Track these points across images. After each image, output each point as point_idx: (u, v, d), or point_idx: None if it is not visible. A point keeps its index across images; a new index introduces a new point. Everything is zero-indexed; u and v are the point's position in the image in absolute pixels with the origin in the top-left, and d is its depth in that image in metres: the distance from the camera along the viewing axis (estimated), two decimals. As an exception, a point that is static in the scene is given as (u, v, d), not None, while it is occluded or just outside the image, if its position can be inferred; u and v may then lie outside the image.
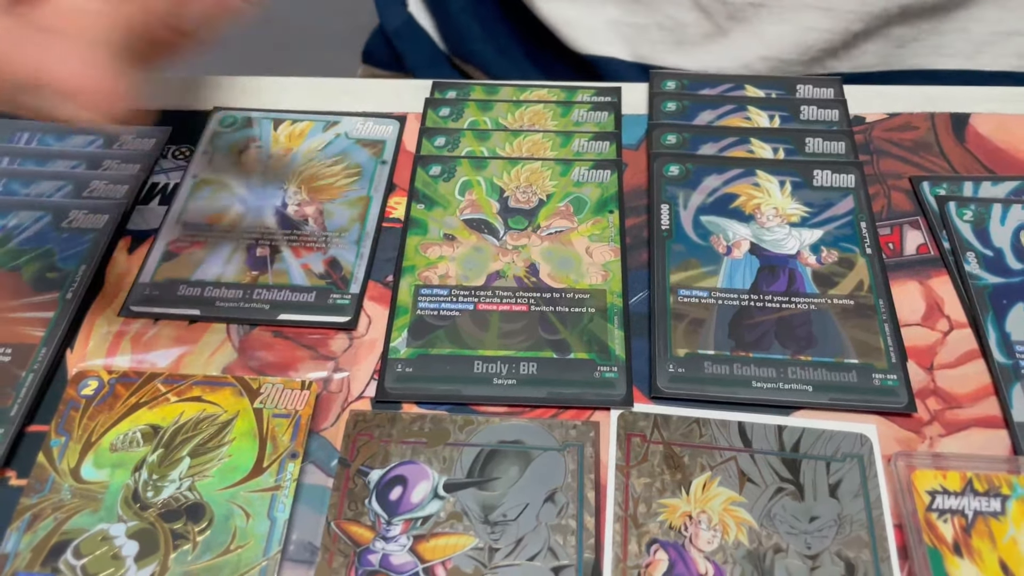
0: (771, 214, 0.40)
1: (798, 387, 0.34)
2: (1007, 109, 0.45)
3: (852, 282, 0.37)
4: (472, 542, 0.30)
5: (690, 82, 0.46)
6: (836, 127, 0.43)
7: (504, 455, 0.32)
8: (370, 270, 0.38)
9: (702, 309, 0.37)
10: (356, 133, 0.44)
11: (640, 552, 0.30)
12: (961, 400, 0.34)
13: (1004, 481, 0.31)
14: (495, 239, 0.39)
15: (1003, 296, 0.37)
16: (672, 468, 0.32)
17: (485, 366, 0.35)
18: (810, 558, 0.30)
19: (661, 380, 0.35)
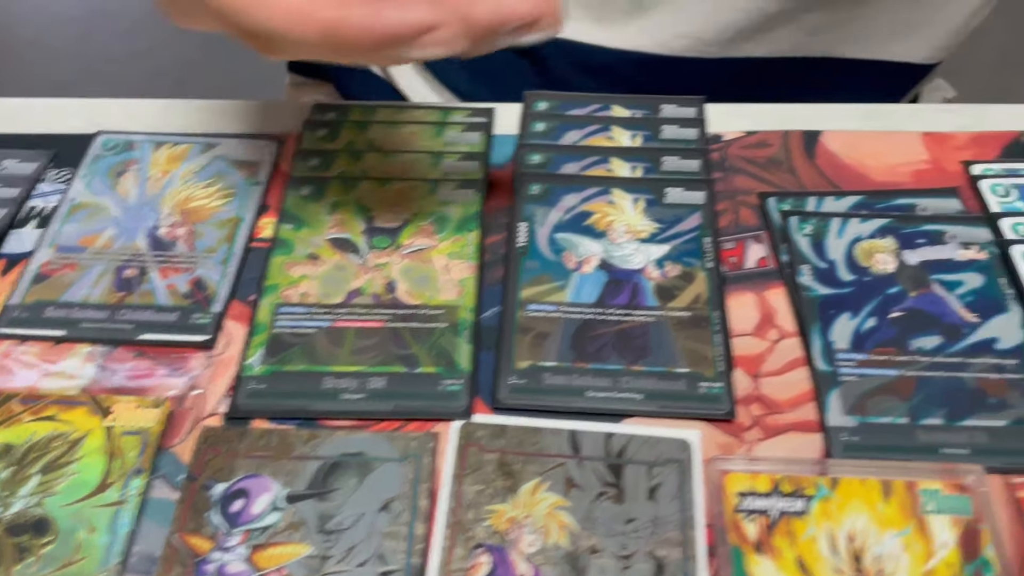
0: (622, 230, 0.42)
1: (629, 396, 0.36)
2: (856, 126, 0.47)
3: (690, 295, 0.39)
4: (307, 550, 0.32)
5: (561, 102, 0.48)
6: (694, 145, 0.46)
7: (346, 467, 0.34)
8: (235, 289, 0.40)
9: (548, 323, 0.39)
10: (233, 155, 0.45)
11: (465, 556, 0.32)
12: (782, 406, 0.36)
13: (810, 482, 0.33)
14: (357, 258, 0.41)
15: (831, 307, 0.39)
16: (504, 475, 0.34)
17: (335, 382, 0.36)
18: (624, 558, 0.32)
19: (502, 392, 0.36)
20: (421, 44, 0.31)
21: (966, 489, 0.33)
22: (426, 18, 0.31)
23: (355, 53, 0.32)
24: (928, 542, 0.32)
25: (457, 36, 0.31)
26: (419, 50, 0.31)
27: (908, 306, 0.39)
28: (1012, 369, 0.37)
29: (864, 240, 0.41)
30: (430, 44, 0.31)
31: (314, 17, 0.31)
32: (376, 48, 0.31)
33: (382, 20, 0.31)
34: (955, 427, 0.35)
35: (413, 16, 0.31)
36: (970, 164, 0.45)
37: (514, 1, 0.32)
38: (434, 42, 0.31)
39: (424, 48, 0.31)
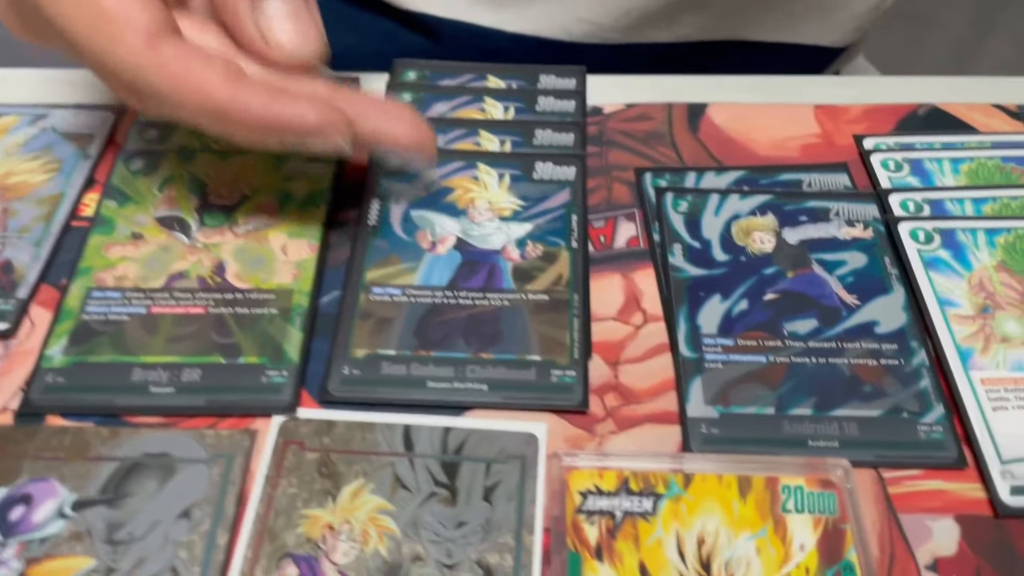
0: (483, 208, 0.39)
1: (473, 386, 0.33)
2: (746, 99, 0.44)
3: (551, 277, 0.36)
4: (89, 564, 0.28)
5: (432, 72, 0.45)
6: (570, 118, 0.42)
7: (145, 469, 0.30)
8: (46, 273, 0.36)
9: (392, 308, 0.35)
10: (65, 126, 0.41)
11: (268, 567, 0.28)
12: (640, 396, 0.33)
13: (661, 479, 0.30)
14: (186, 237, 0.37)
15: (701, 288, 0.36)
16: (324, 476, 0.31)
17: (144, 374, 0.32)
18: (448, 567, 0.29)
19: (333, 383, 0.33)
20: (309, 144, 0.33)
21: (831, 485, 0.30)
22: (315, 120, 0.32)
23: (237, 134, 0.32)
24: (785, 544, 0.29)
25: (341, 145, 0.33)
26: (304, 147, 0.33)
27: (784, 288, 0.36)
28: (890, 354, 0.34)
29: (742, 218, 0.38)
30: (315, 143, 0.32)
31: (209, 94, 0.31)
32: (262, 135, 0.32)
33: (274, 111, 0.31)
34: (824, 417, 0.32)
35: (305, 115, 0.32)
36: (862, 138, 0.43)
37: (398, 128, 0.34)
38: (320, 143, 0.32)
39: (308, 145, 0.33)
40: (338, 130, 0.32)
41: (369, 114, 0.34)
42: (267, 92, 0.32)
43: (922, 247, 0.37)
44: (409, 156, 0.36)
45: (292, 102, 0.32)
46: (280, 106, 0.31)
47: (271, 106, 0.31)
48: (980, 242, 0.38)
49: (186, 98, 0.31)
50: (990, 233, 0.38)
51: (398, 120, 0.34)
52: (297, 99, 0.32)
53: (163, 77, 0.31)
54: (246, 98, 0.31)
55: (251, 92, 0.31)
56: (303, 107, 0.32)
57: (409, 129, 0.34)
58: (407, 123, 0.34)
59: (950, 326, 0.35)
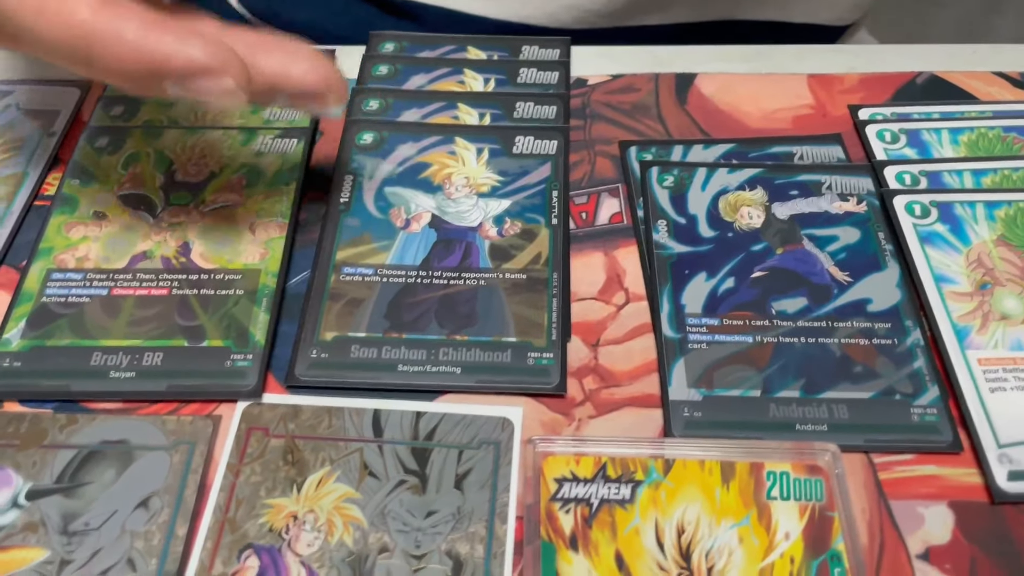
0: (461, 184, 0.37)
1: (446, 369, 0.31)
2: (735, 68, 0.43)
3: (529, 255, 0.35)
4: (42, 555, 0.27)
5: (409, 44, 0.43)
6: (552, 90, 0.41)
7: (102, 457, 0.29)
8: (6, 254, 0.35)
9: (364, 288, 0.34)
10: (29, 103, 0.40)
11: (230, 559, 0.27)
12: (620, 378, 0.32)
13: (640, 465, 0.29)
14: (150, 216, 0.35)
15: (686, 266, 0.34)
16: (289, 464, 0.29)
17: (104, 358, 0.31)
18: (416, 558, 0.27)
19: (301, 367, 0.31)
20: (195, 85, 0.28)
21: (818, 471, 0.29)
22: (202, 56, 0.27)
23: (112, 71, 0.28)
24: (769, 533, 0.28)
25: (235, 85, 0.29)
26: (192, 90, 0.29)
27: (772, 265, 0.35)
28: (883, 334, 0.32)
29: (730, 192, 0.37)
30: (205, 87, 0.28)
31: (73, 16, 0.27)
32: (139, 74, 0.28)
33: (151, 43, 0.27)
34: (813, 400, 0.31)
35: (190, 51, 0.27)
36: (857, 108, 0.41)
37: (303, 67, 0.30)
38: (209, 86, 0.28)
39: (198, 90, 0.29)
40: (229, 70, 0.28)
41: (263, 54, 0.30)
42: (144, 20, 0.28)
43: (918, 221, 0.36)
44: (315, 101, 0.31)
45: (174, 35, 0.28)
46: (159, 37, 0.28)
47: (148, 36, 0.27)
48: (979, 215, 0.36)
49: (43, 22, 0.27)
50: (990, 206, 0.36)
51: (298, 59, 0.31)
52: (179, 32, 0.28)
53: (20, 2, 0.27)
54: (118, 24, 0.27)
55: (125, 18, 0.27)
56: (187, 41, 0.28)
57: (312, 68, 0.31)
58: (309, 62, 0.31)
59: (946, 304, 0.33)
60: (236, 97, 0.29)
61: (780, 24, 0.52)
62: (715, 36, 0.52)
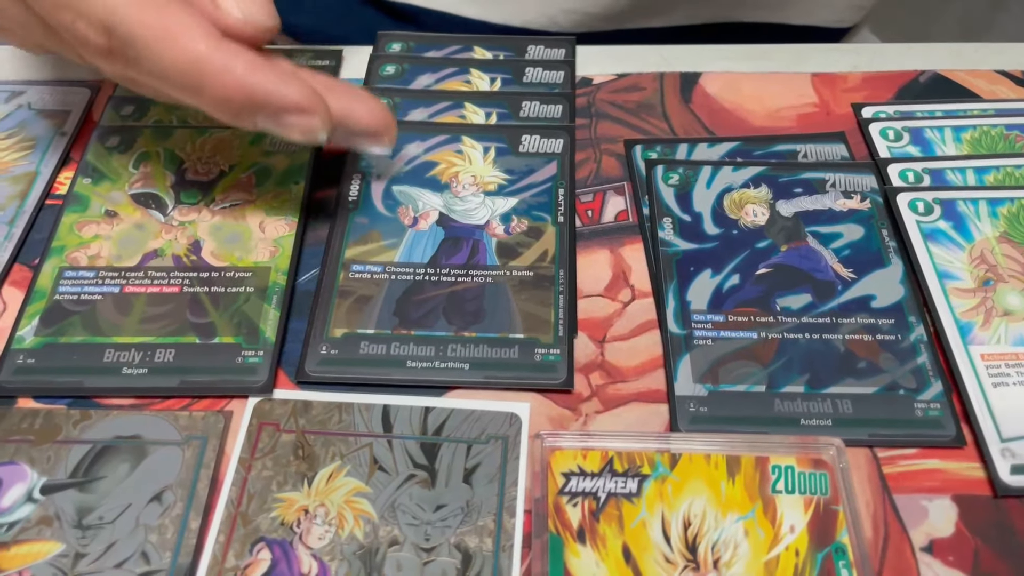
0: (468, 182, 0.37)
1: (454, 365, 0.32)
2: (739, 67, 0.43)
3: (536, 253, 0.35)
4: (58, 548, 0.27)
5: (416, 44, 0.43)
6: (558, 89, 0.41)
7: (116, 452, 0.29)
8: (19, 252, 0.35)
9: (372, 285, 0.34)
10: (40, 103, 0.40)
11: (242, 552, 0.28)
12: (627, 374, 0.32)
13: (646, 459, 0.29)
14: (161, 215, 0.36)
15: (691, 263, 0.35)
16: (300, 458, 0.30)
17: (117, 355, 0.32)
18: (426, 551, 0.28)
19: (311, 363, 0.32)
20: (286, 120, 0.31)
21: (823, 465, 0.29)
22: (297, 96, 0.30)
23: (217, 101, 0.30)
24: (774, 526, 0.28)
25: (319, 123, 0.31)
26: (281, 124, 0.31)
27: (777, 262, 0.35)
28: (887, 329, 0.33)
29: (735, 190, 0.37)
30: (294, 123, 0.31)
31: (190, 46, 0.29)
32: (239, 107, 0.30)
33: (257, 79, 0.29)
34: (817, 395, 0.31)
35: (288, 90, 0.30)
36: (861, 107, 0.41)
37: (366, 107, 0.33)
38: (298, 123, 0.31)
39: (287, 125, 0.31)
40: (318, 111, 0.31)
41: (331, 95, 0.32)
42: (251, 59, 0.30)
43: (921, 218, 0.36)
44: (371, 140, 0.34)
45: (276, 75, 0.30)
46: (263, 75, 0.30)
47: (254, 72, 0.30)
48: (982, 213, 0.36)
49: (165, 49, 0.29)
50: (992, 203, 0.37)
51: (360, 101, 0.33)
52: (280, 73, 0.30)
53: (143, 23, 0.29)
54: (229, 59, 0.29)
55: (234, 53, 0.30)
56: (287, 81, 0.30)
57: (372, 110, 0.33)
58: (369, 104, 0.33)
59: (949, 300, 0.34)
60: (317, 134, 0.31)
61: (780, 26, 0.52)
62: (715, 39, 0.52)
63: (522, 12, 0.49)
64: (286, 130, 0.31)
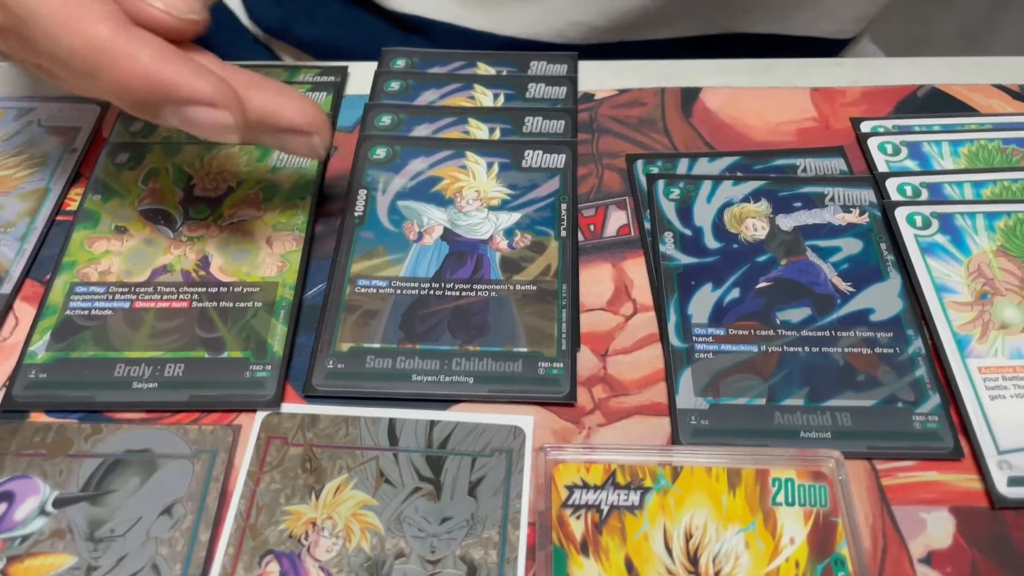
0: (472, 197, 0.38)
1: (459, 379, 0.32)
2: (739, 82, 0.43)
3: (539, 267, 0.35)
4: (70, 561, 0.28)
5: (420, 60, 0.44)
6: (560, 105, 0.42)
7: (127, 465, 0.30)
8: (30, 268, 0.36)
9: (378, 300, 0.35)
10: (50, 120, 0.41)
11: (251, 564, 0.28)
12: (629, 387, 0.33)
13: (648, 472, 0.30)
14: (170, 230, 0.36)
15: (692, 277, 0.35)
16: (308, 471, 0.30)
17: (127, 369, 0.32)
18: (431, 563, 0.28)
19: (317, 377, 0.32)
20: (194, 114, 0.29)
21: (823, 477, 0.30)
22: (207, 89, 0.28)
23: (116, 89, 0.28)
24: (774, 538, 0.28)
25: (231, 120, 0.29)
26: (189, 119, 0.29)
27: (777, 276, 0.35)
28: (885, 343, 0.33)
29: (735, 205, 0.38)
30: (203, 118, 0.29)
31: (92, 30, 0.27)
32: (144, 96, 0.28)
33: (164, 68, 0.28)
34: (817, 408, 0.31)
35: (198, 81, 0.28)
36: (859, 121, 0.42)
37: (293, 105, 0.31)
38: (207, 118, 0.29)
39: (195, 120, 0.29)
40: (229, 106, 0.29)
41: (256, 91, 0.31)
42: (159, 48, 0.28)
43: (919, 232, 0.37)
44: (301, 139, 0.32)
45: (184, 65, 0.29)
46: (171, 65, 0.28)
47: (160, 61, 0.28)
48: (979, 226, 0.37)
49: (63, 29, 0.28)
50: (990, 217, 0.37)
51: (289, 98, 0.31)
52: (189, 63, 0.29)
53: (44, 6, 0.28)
54: (135, 46, 0.28)
55: (141, 40, 0.28)
56: (196, 72, 0.29)
57: (300, 107, 0.32)
58: (298, 102, 0.32)
59: (947, 313, 0.34)
60: (229, 132, 0.30)
61: (783, 37, 0.52)
62: (719, 49, 0.53)
63: (529, 25, 0.50)
64: (192, 125, 0.30)
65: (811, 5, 0.51)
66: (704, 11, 0.50)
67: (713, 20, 0.51)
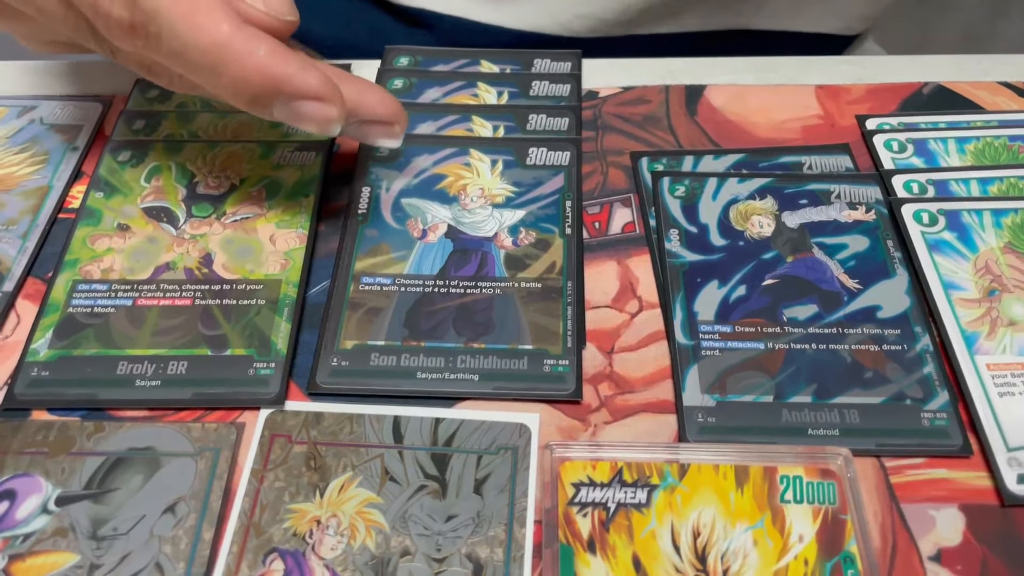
0: (476, 195, 0.38)
1: (464, 377, 0.32)
2: (744, 80, 0.43)
3: (544, 264, 0.35)
4: (72, 560, 0.28)
5: (424, 58, 0.44)
6: (564, 102, 0.42)
7: (130, 463, 0.30)
8: (32, 265, 0.36)
9: (382, 297, 0.34)
10: (52, 118, 0.41)
11: (255, 563, 0.28)
12: (635, 384, 0.32)
13: (655, 470, 0.29)
14: (173, 228, 0.36)
15: (698, 274, 0.35)
16: (312, 469, 0.30)
17: (130, 367, 0.32)
18: (437, 560, 0.28)
19: (321, 375, 0.32)
20: (303, 108, 0.31)
21: (831, 475, 0.29)
22: (317, 85, 0.30)
23: (235, 83, 0.30)
24: (783, 535, 0.28)
25: (335, 113, 0.31)
26: (298, 113, 0.31)
27: (783, 273, 0.35)
28: (893, 340, 0.33)
29: (741, 202, 0.37)
30: (311, 111, 0.31)
31: (216, 28, 0.29)
32: (259, 89, 0.30)
33: (279, 64, 0.30)
34: (825, 405, 0.31)
35: (308, 77, 0.30)
36: (865, 118, 0.41)
37: (376, 97, 0.33)
38: (315, 111, 0.31)
39: (304, 113, 0.31)
40: (335, 100, 0.31)
41: (344, 84, 0.32)
42: (273, 45, 0.30)
43: (926, 229, 0.36)
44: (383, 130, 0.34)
45: (297, 62, 0.31)
46: (284, 60, 0.30)
47: (275, 57, 0.30)
48: (986, 223, 0.37)
49: (189, 26, 0.29)
50: (997, 214, 0.37)
51: (371, 91, 0.33)
52: (301, 60, 0.31)
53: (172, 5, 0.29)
54: (251, 41, 0.30)
55: (257, 37, 0.30)
56: (307, 68, 0.31)
57: (383, 99, 0.34)
58: (380, 94, 0.34)
59: (955, 310, 0.34)
60: (333, 124, 0.32)
61: (788, 33, 0.52)
62: (725, 45, 0.53)
63: (536, 18, 0.49)
64: (301, 119, 0.31)
65: (817, 2, 0.51)
66: (711, 5, 0.50)
67: (720, 15, 0.51)
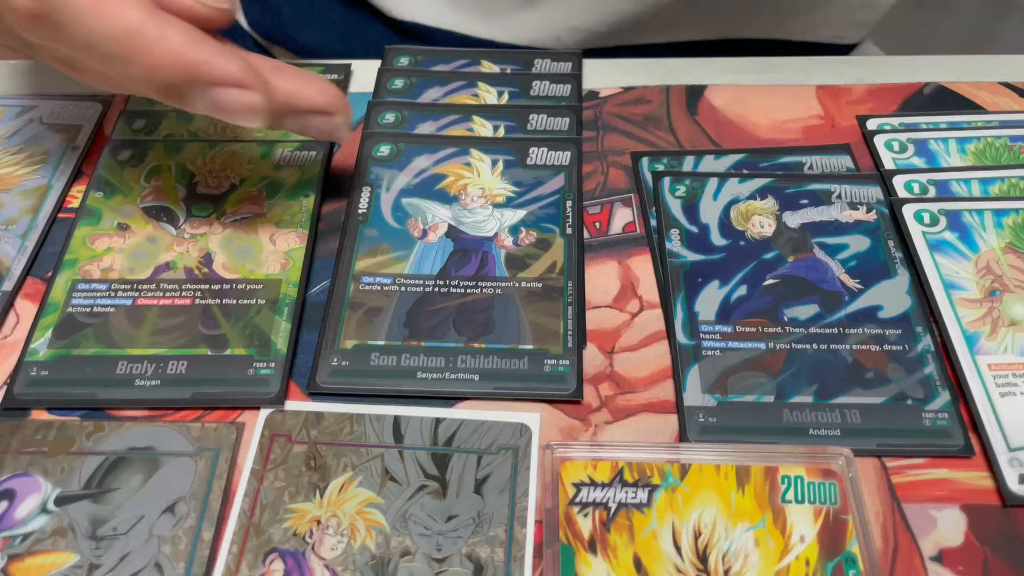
0: (476, 195, 0.38)
1: (464, 376, 0.32)
2: (744, 80, 0.43)
3: (544, 264, 0.35)
4: (72, 560, 0.28)
5: (424, 58, 0.44)
6: (565, 102, 0.42)
7: (129, 463, 0.30)
8: (32, 265, 0.35)
9: (382, 297, 0.34)
10: (52, 118, 0.41)
11: (255, 563, 0.28)
12: (636, 384, 0.32)
13: (656, 470, 0.29)
14: (172, 228, 0.36)
15: (699, 274, 0.35)
16: (312, 469, 0.30)
17: (129, 367, 0.32)
18: (438, 561, 0.28)
19: (322, 375, 0.32)
20: (224, 96, 0.30)
21: (832, 475, 0.29)
22: (236, 71, 0.29)
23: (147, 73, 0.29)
24: (784, 536, 0.28)
25: (259, 101, 0.30)
26: (218, 102, 0.30)
27: (784, 273, 0.35)
28: (894, 340, 0.33)
29: (741, 202, 0.37)
30: (232, 99, 0.30)
31: (125, 16, 0.28)
32: (174, 78, 0.29)
33: (194, 52, 0.29)
34: (826, 405, 0.31)
35: (226, 63, 0.29)
36: (866, 119, 0.41)
37: (315, 87, 0.32)
38: (236, 100, 0.30)
39: (225, 102, 0.30)
40: (257, 87, 0.30)
41: (279, 75, 0.31)
42: (188, 31, 0.29)
43: (927, 229, 0.36)
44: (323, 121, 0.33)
45: (214, 48, 0.29)
46: (199, 47, 0.29)
47: (189, 44, 0.29)
48: (987, 223, 0.37)
49: (95, 14, 0.28)
50: (998, 214, 0.37)
51: (309, 81, 0.32)
52: (218, 46, 0.29)
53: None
54: (164, 28, 0.29)
55: (170, 23, 0.29)
56: (225, 54, 0.29)
57: (321, 89, 0.32)
58: (318, 84, 0.32)
59: (956, 310, 0.34)
60: (257, 114, 0.30)
61: (782, 43, 0.52)
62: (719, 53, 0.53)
63: (528, 31, 0.49)
64: (222, 109, 0.30)
65: (806, 12, 0.51)
66: (700, 16, 0.50)
67: (710, 25, 0.51)
